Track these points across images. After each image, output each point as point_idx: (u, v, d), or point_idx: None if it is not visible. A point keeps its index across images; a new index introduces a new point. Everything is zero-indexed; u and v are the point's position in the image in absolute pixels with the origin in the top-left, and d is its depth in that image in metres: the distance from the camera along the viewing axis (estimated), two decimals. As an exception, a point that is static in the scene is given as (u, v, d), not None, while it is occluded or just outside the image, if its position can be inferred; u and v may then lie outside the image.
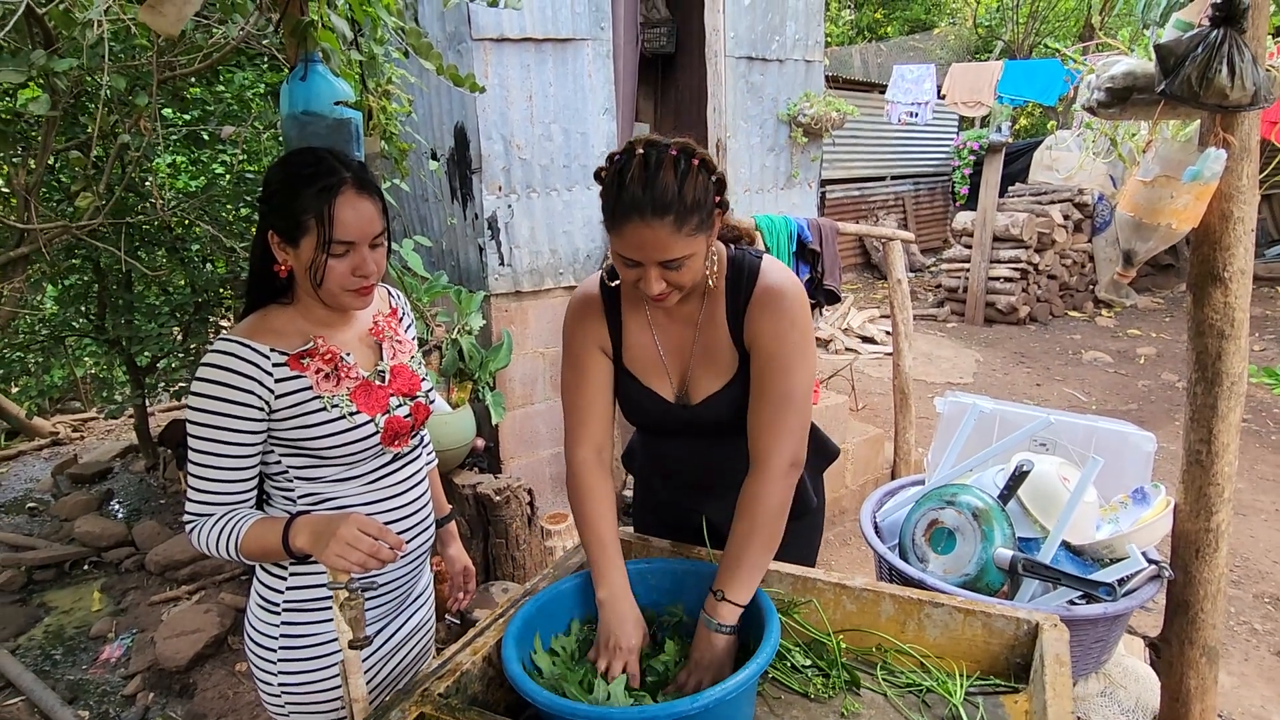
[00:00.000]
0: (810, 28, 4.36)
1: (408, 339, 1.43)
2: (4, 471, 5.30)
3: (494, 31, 3.22)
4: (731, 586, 1.18)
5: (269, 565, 1.30)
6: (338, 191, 1.17)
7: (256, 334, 1.22)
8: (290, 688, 1.30)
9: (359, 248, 1.20)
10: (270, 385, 1.20)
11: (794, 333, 1.25)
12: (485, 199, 3.38)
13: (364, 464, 1.29)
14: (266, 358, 1.20)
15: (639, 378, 1.37)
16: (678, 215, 1.12)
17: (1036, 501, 1.68)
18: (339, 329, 1.31)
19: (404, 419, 1.32)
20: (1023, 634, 1.24)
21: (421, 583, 1.49)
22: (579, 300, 1.38)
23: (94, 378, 6.23)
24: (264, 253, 1.24)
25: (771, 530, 1.22)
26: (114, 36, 2.79)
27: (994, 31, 12.74)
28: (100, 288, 4.22)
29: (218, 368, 1.17)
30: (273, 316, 1.25)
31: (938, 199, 11.43)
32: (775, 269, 1.30)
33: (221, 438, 1.18)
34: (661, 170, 1.12)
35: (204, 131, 3.71)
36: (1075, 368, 6.42)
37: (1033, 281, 7.71)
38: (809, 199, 4.63)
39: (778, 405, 1.24)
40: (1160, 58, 1.37)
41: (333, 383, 1.25)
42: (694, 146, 1.17)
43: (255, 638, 1.32)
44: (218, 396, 1.17)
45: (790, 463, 1.23)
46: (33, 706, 2.77)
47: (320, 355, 1.25)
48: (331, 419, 1.23)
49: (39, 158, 2.81)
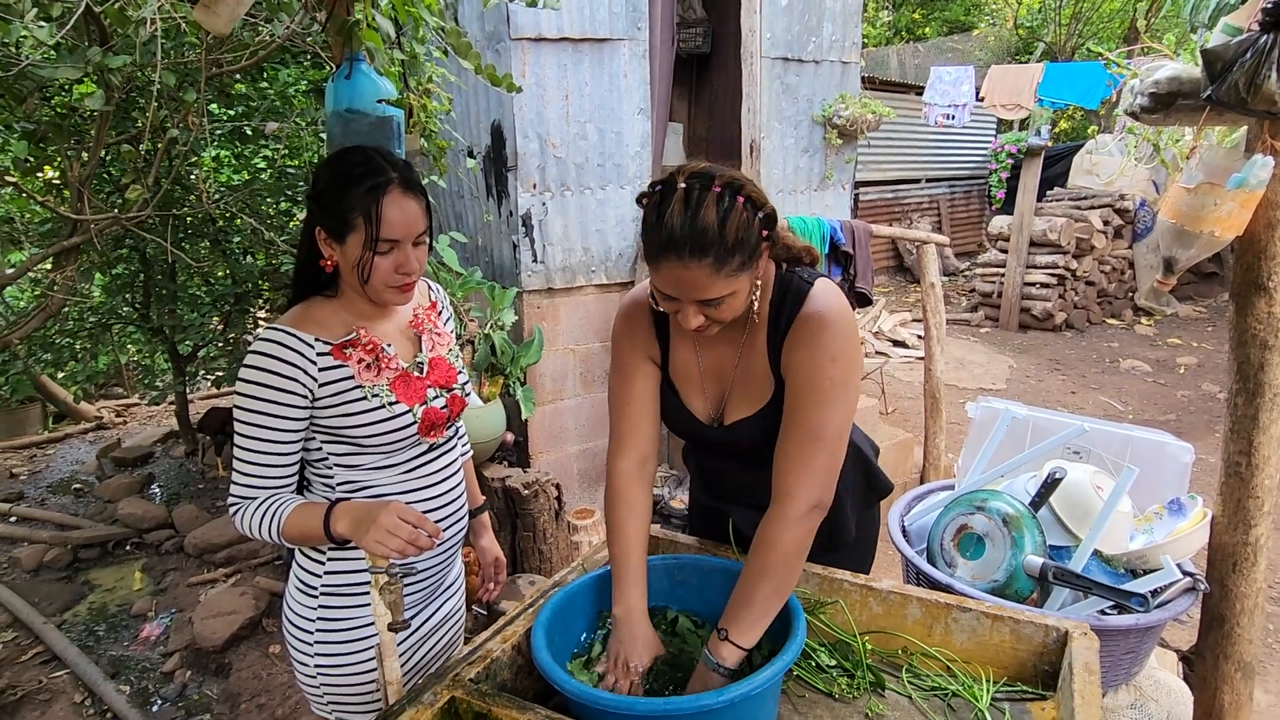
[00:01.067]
0: (847, 29, 4.33)
1: (446, 332, 1.47)
2: (51, 453, 5.49)
3: (532, 31, 3.25)
4: (736, 627, 1.14)
5: (308, 549, 1.34)
6: (385, 191, 1.19)
7: (301, 324, 1.26)
8: (326, 670, 1.34)
9: (403, 246, 1.23)
10: (314, 374, 1.23)
11: (833, 367, 1.17)
12: (520, 196, 3.42)
13: (401, 453, 1.32)
14: (311, 347, 1.23)
15: (679, 392, 1.36)
16: (717, 257, 1.07)
17: (1069, 510, 1.66)
18: (380, 321, 1.34)
19: (440, 410, 1.35)
20: (1051, 641, 1.24)
21: (453, 572, 1.52)
22: (629, 307, 1.36)
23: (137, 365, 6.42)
24: (311, 247, 1.27)
25: (785, 575, 1.15)
26: (165, 34, 2.87)
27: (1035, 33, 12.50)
28: (146, 278, 4.35)
29: (264, 355, 1.21)
30: (317, 308, 1.29)
31: (973, 203, 11.26)
32: (823, 296, 1.21)
33: (266, 423, 1.22)
34: (703, 208, 1.06)
35: (248, 127, 3.81)
36: (1112, 376, 6.29)
37: (1070, 288, 7.56)
38: (843, 201, 4.60)
39: (805, 442, 1.17)
40: (1207, 63, 1.35)
41: (373, 373, 1.28)
42: (741, 181, 1.11)
43: (293, 619, 1.36)
44: (264, 384, 1.21)
45: (812, 505, 1.17)
46: (77, 679, 2.88)
47: (362, 345, 1.28)
48: (372, 408, 1.26)
49: (92, 151, 2.91)
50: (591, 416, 3.90)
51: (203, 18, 1.55)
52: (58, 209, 3.03)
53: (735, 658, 1.14)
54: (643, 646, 1.21)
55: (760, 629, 1.15)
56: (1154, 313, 8.07)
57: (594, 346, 3.84)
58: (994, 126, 10.93)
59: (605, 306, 3.82)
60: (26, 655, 3.03)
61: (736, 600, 1.16)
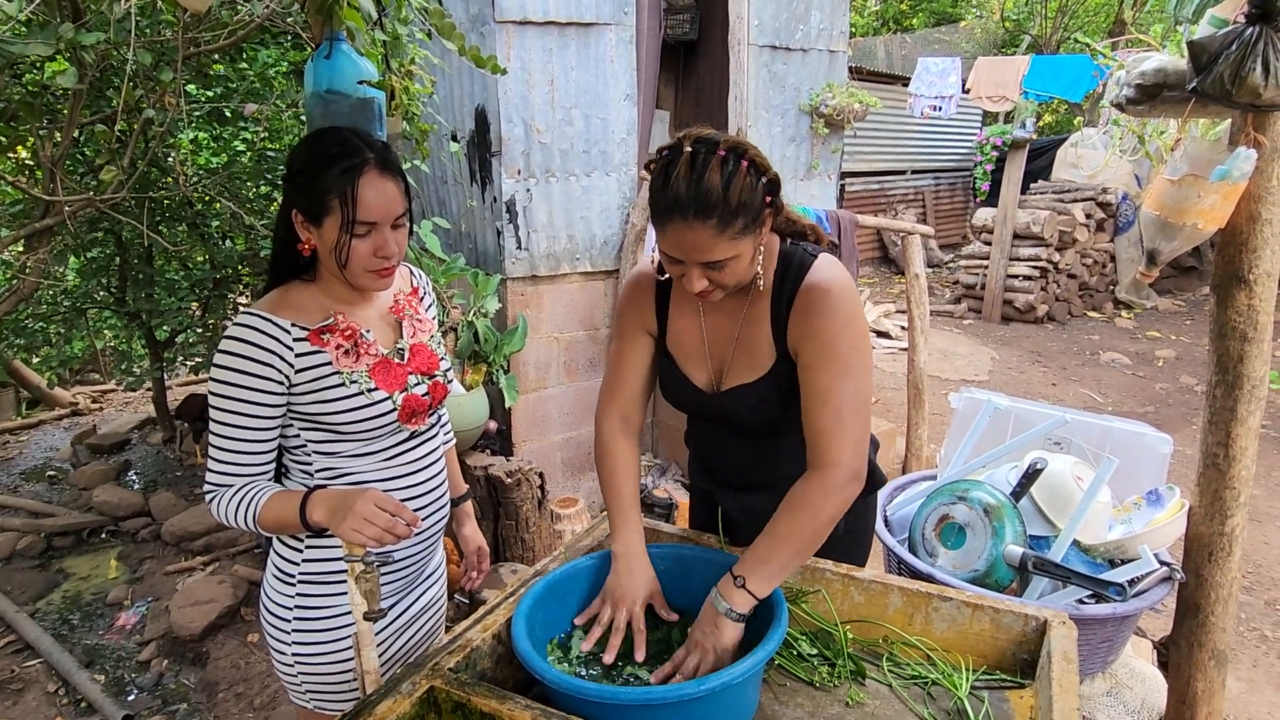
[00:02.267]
0: (835, 17, 4.31)
1: (428, 318, 1.44)
2: (25, 440, 5.39)
3: (517, 14, 3.21)
4: (754, 578, 1.15)
5: (286, 537, 1.32)
6: (361, 172, 1.17)
7: (278, 309, 1.23)
8: (304, 658, 1.33)
9: (381, 228, 1.20)
10: (290, 359, 1.21)
11: (846, 334, 1.18)
12: (504, 182, 3.38)
13: (381, 440, 1.31)
14: (287, 332, 1.21)
15: (678, 363, 1.38)
16: (721, 218, 1.10)
17: (1049, 500, 1.68)
18: (360, 306, 1.32)
19: (421, 397, 1.33)
20: (1030, 630, 1.25)
21: (434, 561, 1.50)
22: (632, 280, 1.40)
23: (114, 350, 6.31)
24: (288, 231, 1.24)
25: (812, 538, 1.17)
26: (140, 11, 2.80)
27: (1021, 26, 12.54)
28: (122, 261, 4.27)
29: (239, 340, 1.19)
30: (294, 292, 1.27)
31: (958, 194, 11.31)
32: (826, 267, 1.23)
33: (242, 409, 1.20)
34: (708, 170, 1.09)
35: (226, 109, 3.73)
36: (1092, 368, 6.36)
37: (1052, 280, 7.63)
38: (828, 191, 4.60)
39: (838, 411, 1.17)
40: (1193, 54, 1.35)
41: (352, 359, 1.26)
42: (745, 146, 1.13)
43: (271, 608, 1.35)
44: (239, 369, 1.19)
45: (853, 474, 1.17)
46: (51, 669, 2.84)
47: (340, 331, 1.26)
48: (350, 394, 1.25)
49: (65, 131, 2.84)
50: (575, 405, 3.88)
51: (177, -7, 1.50)
52: (30, 190, 2.96)
53: (748, 606, 1.15)
54: (641, 580, 1.23)
55: (775, 583, 1.16)
56: (1134, 306, 8.16)
57: (578, 334, 3.82)
58: (979, 119, 10.98)
59: (589, 294, 3.79)
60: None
61: (760, 554, 1.16)
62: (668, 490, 3.67)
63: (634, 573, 1.23)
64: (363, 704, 1.05)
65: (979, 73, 5.84)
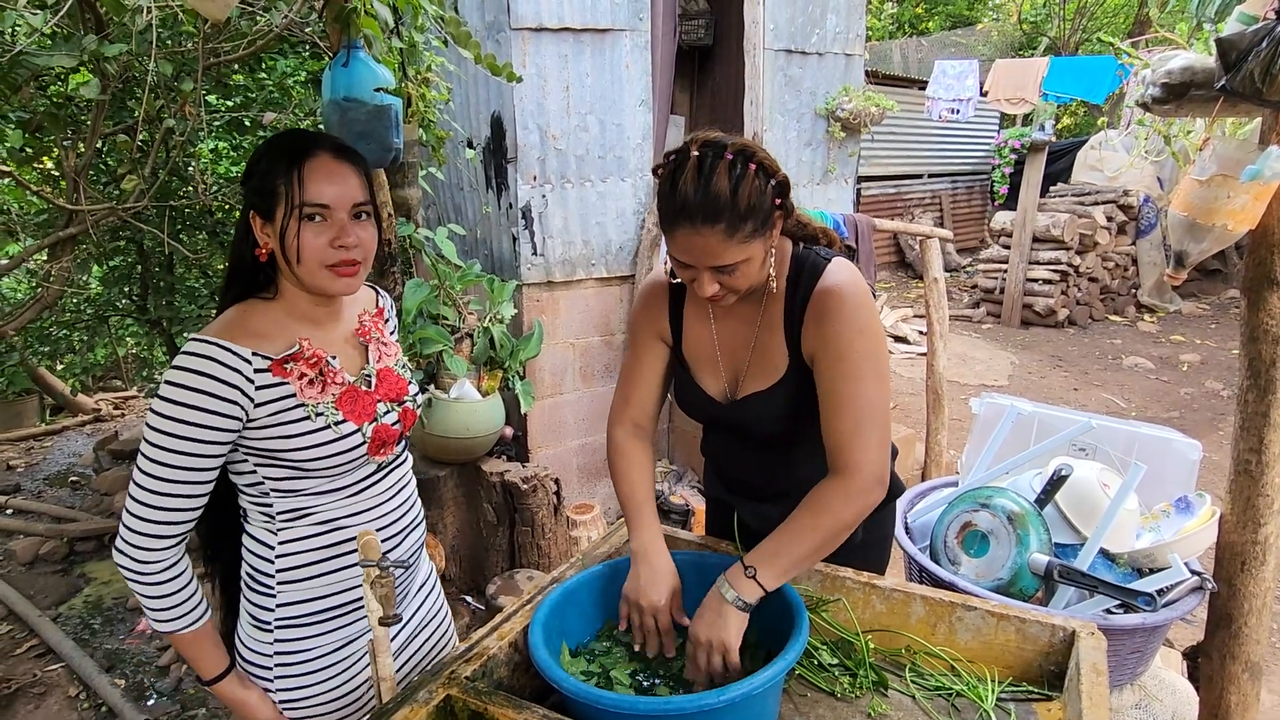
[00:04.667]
0: (851, 21, 4.29)
1: (392, 341, 1.35)
2: (48, 446, 5.46)
3: (532, 21, 3.22)
4: (765, 569, 1.12)
5: (256, 583, 1.24)
6: (309, 154, 1.10)
7: (237, 335, 1.11)
8: (290, 704, 1.27)
9: (334, 214, 1.11)
10: (251, 394, 1.09)
11: (861, 340, 1.16)
12: (520, 189, 3.39)
13: (348, 475, 1.21)
14: (248, 363, 1.09)
15: (692, 371, 1.36)
16: (730, 222, 1.09)
17: (1075, 507, 1.64)
18: (325, 327, 1.21)
19: (391, 427, 1.24)
20: (1058, 641, 1.22)
21: (419, 576, 1.43)
22: (647, 287, 1.39)
23: (135, 357, 6.40)
24: (245, 236, 1.15)
25: (832, 540, 1.15)
26: (162, 23, 2.84)
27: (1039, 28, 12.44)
28: (143, 269, 4.33)
29: (194, 373, 1.06)
30: (254, 314, 1.15)
31: (976, 198, 11.22)
32: (840, 271, 1.21)
33: (191, 450, 1.07)
34: (715, 174, 1.08)
35: (246, 118, 3.78)
36: (1115, 373, 6.26)
37: (1073, 284, 7.54)
38: (845, 195, 4.57)
39: (858, 416, 1.15)
40: (1221, 52, 1.32)
41: (317, 389, 1.15)
42: (753, 149, 1.12)
43: (250, 657, 1.26)
44: (192, 404, 1.05)
45: (876, 480, 1.15)
46: (72, 673, 2.86)
47: (305, 359, 1.14)
48: (316, 429, 1.14)
49: (88, 141, 2.89)
50: (591, 411, 3.87)
51: (198, 3, 1.52)
52: (54, 200, 3.01)
53: (756, 596, 1.12)
54: (663, 578, 1.21)
55: (786, 579, 1.15)
56: (1157, 309, 8.04)
57: (593, 340, 3.81)
58: (997, 121, 10.89)
59: (605, 300, 3.79)
60: (21, 648, 3.01)
61: (774, 548, 1.14)
62: (684, 496, 3.65)
63: (654, 570, 1.22)
64: (379, 712, 1.04)
65: (997, 75, 5.79)
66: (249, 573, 1.25)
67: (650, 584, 1.20)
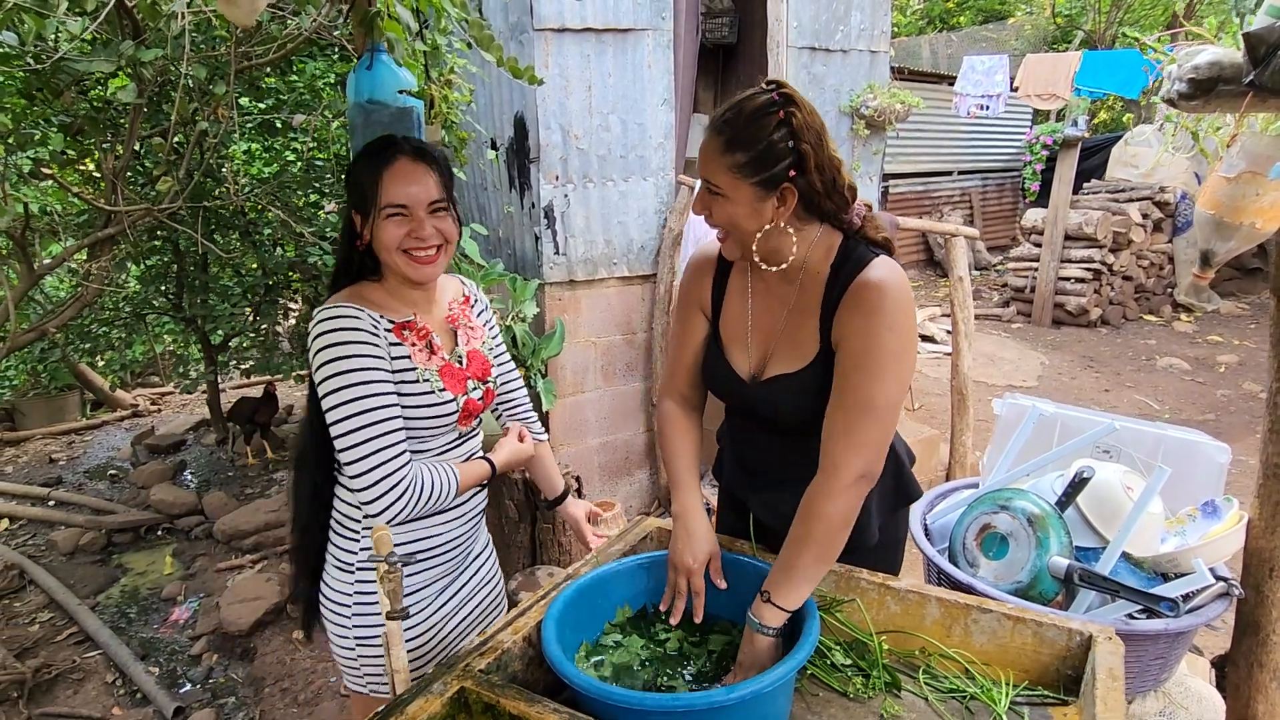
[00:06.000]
0: (877, 17, 4.25)
1: (480, 325, 1.50)
2: (89, 440, 5.63)
3: (555, 22, 3.24)
4: (779, 591, 1.15)
5: (342, 529, 1.39)
6: (393, 159, 1.25)
7: (364, 301, 1.29)
8: (365, 642, 1.38)
9: (414, 212, 1.25)
10: (384, 347, 1.26)
11: (888, 336, 1.15)
12: (542, 188, 3.41)
13: (436, 439, 1.36)
14: (377, 322, 1.27)
15: (725, 346, 1.38)
16: (729, 140, 1.14)
17: (1097, 510, 1.62)
18: (423, 309, 1.38)
19: (477, 402, 1.40)
20: (1075, 645, 1.20)
21: (480, 542, 1.57)
22: (697, 257, 1.42)
23: (172, 354, 6.57)
24: (349, 232, 1.32)
25: (829, 543, 1.16)
26: (195, 28, 2.92)
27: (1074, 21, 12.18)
28: (179, 268, 4.44)
29: (339, 328, 1.22)
30: (366, 290, 1.32)
31: (1006, 195, 11.03)
32: (883, 267, 1.19)
33: (372, 388, 1.22)
34: (753, 100, 1.15)
35: (277, 120, 3.85)
36: (1148, 374, 6.12)
37: (1106, 283, 7.38)
38: (870, 193, 4.54)
39: (858, 412, 1.16)
40: (1250, 46, 1.29)
41: (425, 356, 1.33)
42: (796, 101, 1.15)
43: (331, 596, 1.40)
44: (350, 341, 1.22)
45: (859, 475, 1.16)
46: (109, 660, 2.95)
47: (417, 330, 1.33)
48: (424, 391, 1.30)
49: (126, 143, 2.97)
50: (613, 409, 3.89)
51: (225, 9, 1.55)
52: (94, 201, 3.10)
53: (779, 620, 1.15)
54: (700, 540, 1.26)
55: (803, 593, 1.16)
56: (1194, 309, 7.84)
57: (615, 339, 3.83)
58: (1030, 117, 10.69)
59: (627, 299, 3.80)
60: (62, 635, 3.12)
61: (781, 565, 1.17)
62: (704, 494, 3.65)
63: (691, 533, 1.27)
64: (394, 703, 1.07)
65: (1028, 70, 5.69)
66: (337, 519, 1.40)
67: (685, 547, 1.26)
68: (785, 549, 1.18)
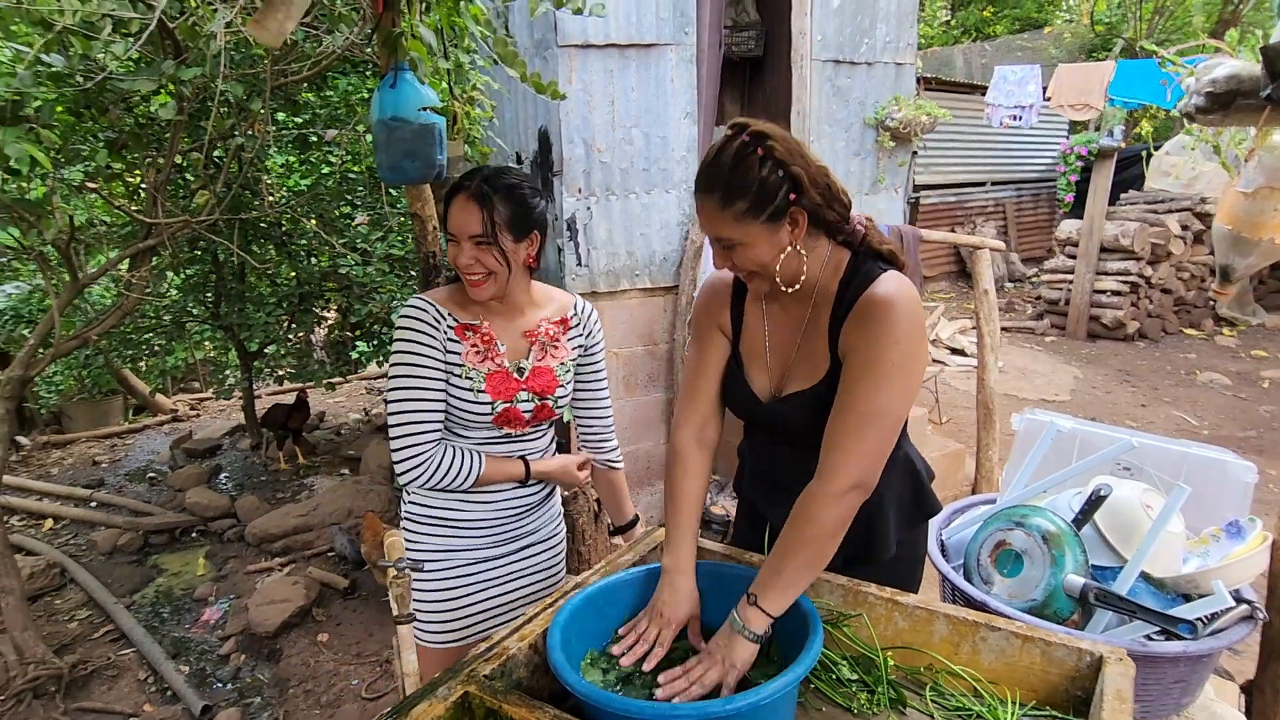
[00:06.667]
0: (902, 30, 4.24)
1: (569, 347, 1.62)
2: (130, 443, 5.81)
3: (579, 38, 3.29)
4: (766, 594, 1.15)
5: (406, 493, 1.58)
6: (456, 195, 1.44)
7: (441, 299, 1.51)
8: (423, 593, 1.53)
9: (459, 242, 1.43)
10: (442, 341, 1.47)
11: (894, 350, 1.15)
12: (565, 201, 3.46)
13: (476, 431, 1.53)
14: (443, 319, 1.48)
15: (744, 366, 1.39)
16: (724, 195, 1.15)
17: (1115, 528, 1.59)
18: (502, 317, 1.54)
19: (522, 412, 1.52)
20: (1085, 665, 1.18)
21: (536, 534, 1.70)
22: (712, 280, 1.44)
23: (211, 361, 6.75)
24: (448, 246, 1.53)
25: (818, 549, 1.16)
26: (234, 47, 3.02)
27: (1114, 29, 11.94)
28: (218, 278, 4.57)
29: (410, 317, 1.47)
30: (460, 290, 1.53)
31: (1042, 207, 10.84)
32: (891, 282, 1.20)
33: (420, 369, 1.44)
34: (724, 151, 1.16)
35: (313, 134, 3.96)
36: (1187, 389, 5.96)
37: (1143, 295, 7.21)
38: (895, 205, 4.50)
39: (858, 421, 1.16)
40: (1267, 60, 1.27)
41: (479, 359, 1.49)
42: (768, 134, 1.16)
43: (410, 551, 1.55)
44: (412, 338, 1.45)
45: (854, 484, 1.15)
46: (142, 658, 3.04)
47: (480, 334, 1.50)
48: (466, 388, 1.48)
49: (166, 158, 3.08)
50: (634, 420, 3.91)
51: (254, 31, 1.62)
52: (134, 213, 3.22)
53: (763, 624, 1.15)
54: (684, 600, 1.25)
55: (789, 598, 1.16)
56: (1237, 323, 7.61)
57: (637, 350, 3.85)
58: (1066, 128, 10.51)
59: (649, 310, 3.83)
60: (98, 633, 3.22)
61: (769, 568, 1.17)
62: (725, 508, 3.65)
63: (677, 591, 1.25)
64: (400, 706, 1.10)
65: (1060, 80, 5.61)
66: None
67: (672, 604, 1.24)
68: (774, 553, 1.18)
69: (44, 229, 2.61)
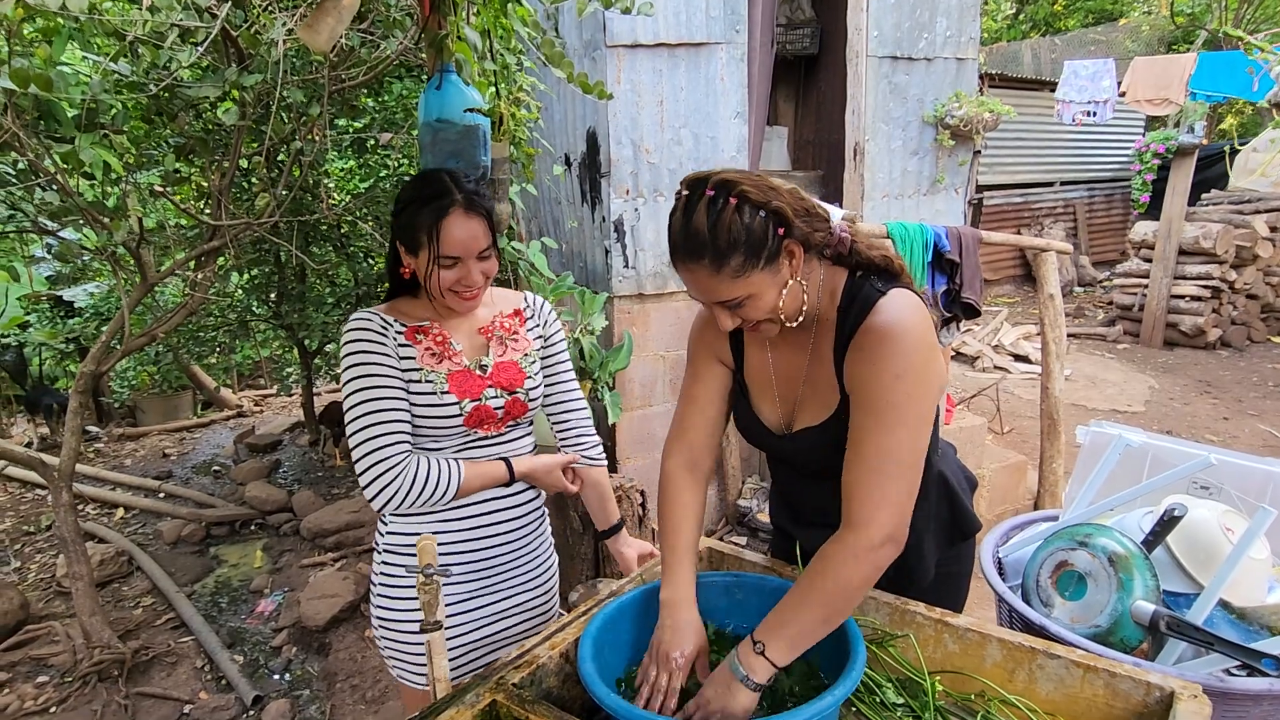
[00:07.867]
0: (964, 23, 4.09)
1: (528, 339, 1.54)
2: (198, 437, 6.06)
3: (628, 38, 3.27)
4: (774, 644, 1.08)
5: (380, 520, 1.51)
6: (447, 212, 1.32)
7: (385, 310, 1.44)
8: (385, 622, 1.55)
9: (465, 262, 1.35)
10: (393, 347, 1.39)
11: (896, 386, 1.08)
12: (613, 202, 3.44)
13: (447, 438, 1.43)
14: (390, 325, 1.41)
15: (752, 397, 1.33)
16: (713, 258, 1.07)
17: (1189, 552, 1.47)
18: (454, 319, 1.47)
19: (494, 409, 1.44)
20: (1153, 701, 1.09)
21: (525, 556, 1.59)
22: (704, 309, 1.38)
23: (275, 358, 7.00)
24: (394, 257, 1.43)
25: (838, 608, 1.08)
26: (294, 54, 3.11)
27: (1197, 20, 11.32)
28: (279, 278, 4.72)
29: (357, 329, 1.39)
30: (403, 302, 1.47)
31: (1115, 207, 10.35)
32: (894, 306, 1.12)
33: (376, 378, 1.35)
34: (695, 212, 1.07)
35: (371, 138, 4.05)
36: (1275, 401, 5.58)
37: (1226, 301, 6.79)
38: (955, 206, 4.35)
39: (875, 467, 1.08)
40: (1372, 42, 1.15)
41: (435, 360, 1.41)
42: (735, 182, 1.07)
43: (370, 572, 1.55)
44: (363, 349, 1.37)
45: (886, 538, 1.07)
46: (200, 646, 3.14)
47: (432, 335, 1.42)
48: (425, 392, 1.39)
49: (230, 162, 3.19)
50: (682, 424, 3.86)
51: (306, 36, 1.65)
52: (199, 216, 3.34)
53: (766, 675, 1.07)
54: (686, 635, 1.17)
55: (799, 650, 1.09)
56: (1332, 331, 7.11)
57: (683, 353, 3.79)
58: (1142, 124, 10.01)
59: (695, 313, 3.77)
60: (160, 620, 3.34)
61: (780, 618, 1.09)
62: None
63: (678, 627, 1.18)
64: (428, 711, 1.08)
65: (1135, 74, 5.34)
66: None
67: (673, 640, 1.17)
68: (790, 602, 1.09)
69: (114, 229, 2.72)
